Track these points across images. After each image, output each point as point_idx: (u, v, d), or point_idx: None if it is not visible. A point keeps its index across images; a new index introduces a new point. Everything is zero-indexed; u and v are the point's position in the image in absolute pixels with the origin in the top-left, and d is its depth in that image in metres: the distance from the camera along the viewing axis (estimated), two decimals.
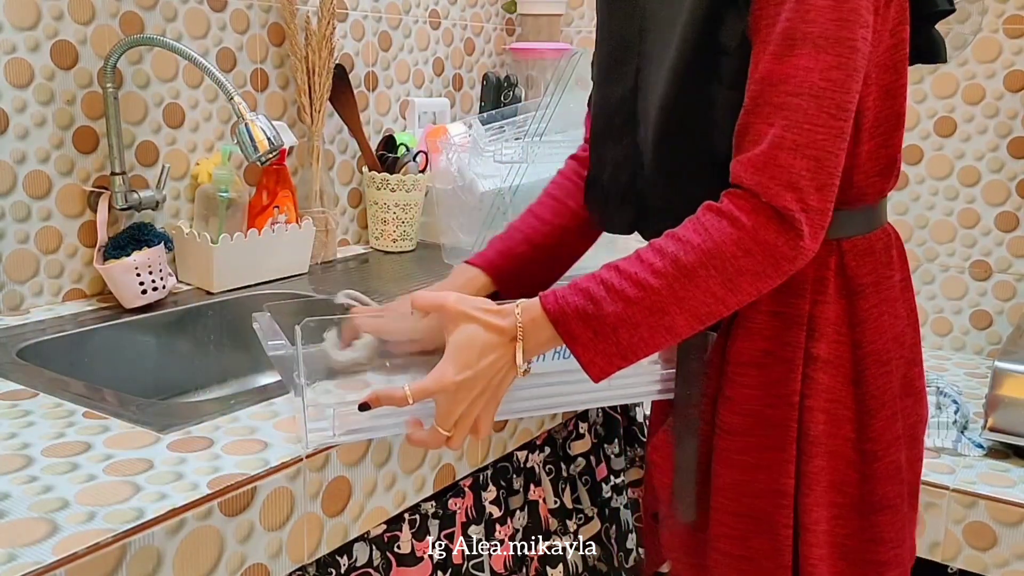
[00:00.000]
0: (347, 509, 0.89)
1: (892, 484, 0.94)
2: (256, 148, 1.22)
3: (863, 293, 0.93)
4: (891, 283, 0.96)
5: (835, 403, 0.93)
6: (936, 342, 1.80)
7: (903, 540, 0.96)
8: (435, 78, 1.97)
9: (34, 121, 1.24)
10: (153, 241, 1.32)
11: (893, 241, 0.98)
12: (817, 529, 0.94)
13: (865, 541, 0.95)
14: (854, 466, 0.94)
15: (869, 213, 0.96)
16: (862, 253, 0.94)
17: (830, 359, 0.93)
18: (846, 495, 0.95)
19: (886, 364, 0.94)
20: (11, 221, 1.23)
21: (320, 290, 1.44)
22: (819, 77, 0.80)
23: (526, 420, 1.14)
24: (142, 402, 0.95)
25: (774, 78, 0.82)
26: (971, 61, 1.69)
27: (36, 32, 1.22)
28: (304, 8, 1.60)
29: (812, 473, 0.93)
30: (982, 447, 1.33)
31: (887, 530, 0.95)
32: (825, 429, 0.93)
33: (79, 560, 0.65)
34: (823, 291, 0.93)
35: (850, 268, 0.94)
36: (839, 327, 0.93)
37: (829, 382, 0.93)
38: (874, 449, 0.94)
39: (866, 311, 0.93)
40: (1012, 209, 1.70)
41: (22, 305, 1.25)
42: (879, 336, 0.94)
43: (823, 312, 0.93)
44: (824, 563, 0.95)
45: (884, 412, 0.94)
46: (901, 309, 0.97)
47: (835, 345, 0.93)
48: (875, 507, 0.94)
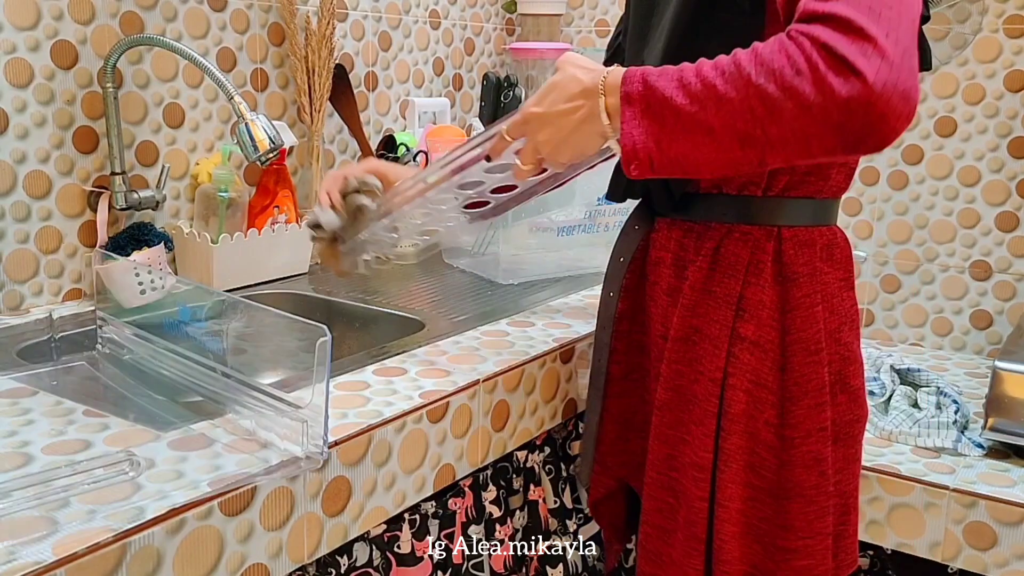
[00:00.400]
0: (347, 509, 0.89)
1: (808, 474, 0.95)
2: (256, 148, 1.22)
3: (797, 281, 0.95)
4: (828, 278, 0.97)
5: (759, 385, 0.95)
6: (936, 342, 1.80)
7: (816, 532, 0.96)
8: (435, 78, 1.97)
9: (34, 121, 1.24)
10: (153, 241, 1.32)
11: (838, 243, 0.99)
12: (731, 506, 0.96)
13: (777, 526, 0.97)
14: (774, 451, 0.96)
15: (814, 206, 0.96)
16: (802, 244, 0.95)
17: (758, 341, 0.95)
18: (764, 479, 0.96)
19: (815, 354, 0.95)
20: (11, 221, 1.23)
21: (320, 290, 1.44)
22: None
23: (526, 420, 1.15)
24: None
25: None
26: (971, 61, 1.69)
27: (36, 32, 1.22)
28: (304, 8, 1.60)
29: (729, 450, 0.95)
30: (982, 447, 1.33)
31: (797, 518, 0.96)
32: (745, 409, 0.95)
33: (79, 560, 0.65)
34: (758, 274, 0.95)
35: (787, 255, 0.95)
36: (772, 312, 0.95)
37: (755, 364, 0.95)
38: (792, 436, 0.95)
39: (798, 299, 0.95)
40: (1012, 209, 1.70)
41: (22, 305, 1.25)
42: (809, 325, 0.95)
43: (756, 295, 0.95)
44: (736, 541, 0.97)
45: (807, 401, 0.95)
46: (840, 307, 0.97)
47: (766, 329, 0.95)
48: (788, 494, 0.96)
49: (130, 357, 1.16)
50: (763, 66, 0.74)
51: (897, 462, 1.31)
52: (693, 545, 0.98)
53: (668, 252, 1.02)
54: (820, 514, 0.96)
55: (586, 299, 1.43)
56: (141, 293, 1.25)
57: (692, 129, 0.78)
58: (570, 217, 1.57)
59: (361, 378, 1.03)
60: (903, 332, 1.83)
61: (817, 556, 0.97)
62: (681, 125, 0.78)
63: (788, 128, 0.74)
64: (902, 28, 0.72)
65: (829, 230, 0.98)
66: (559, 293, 1.46)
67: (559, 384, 1.20)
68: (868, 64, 0.70)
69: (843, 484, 0.99)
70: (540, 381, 1.16)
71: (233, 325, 1.29)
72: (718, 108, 0.76)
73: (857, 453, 1.01)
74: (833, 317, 0.97)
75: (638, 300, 1.08)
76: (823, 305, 0.96)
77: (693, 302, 0.98)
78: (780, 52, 0.74)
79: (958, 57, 1.68)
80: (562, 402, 1.22)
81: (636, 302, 1.08)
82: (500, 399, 1.09)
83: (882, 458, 1.32)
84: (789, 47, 0.73)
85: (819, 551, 0.97)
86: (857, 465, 1.02)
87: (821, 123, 0.73)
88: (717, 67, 0.78)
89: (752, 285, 0.95)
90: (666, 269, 1.02)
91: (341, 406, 0.94)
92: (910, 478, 1.26)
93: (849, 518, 1.01)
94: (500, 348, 1.16)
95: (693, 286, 0.97)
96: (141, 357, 1.14)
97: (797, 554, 0.96)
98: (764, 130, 0.75)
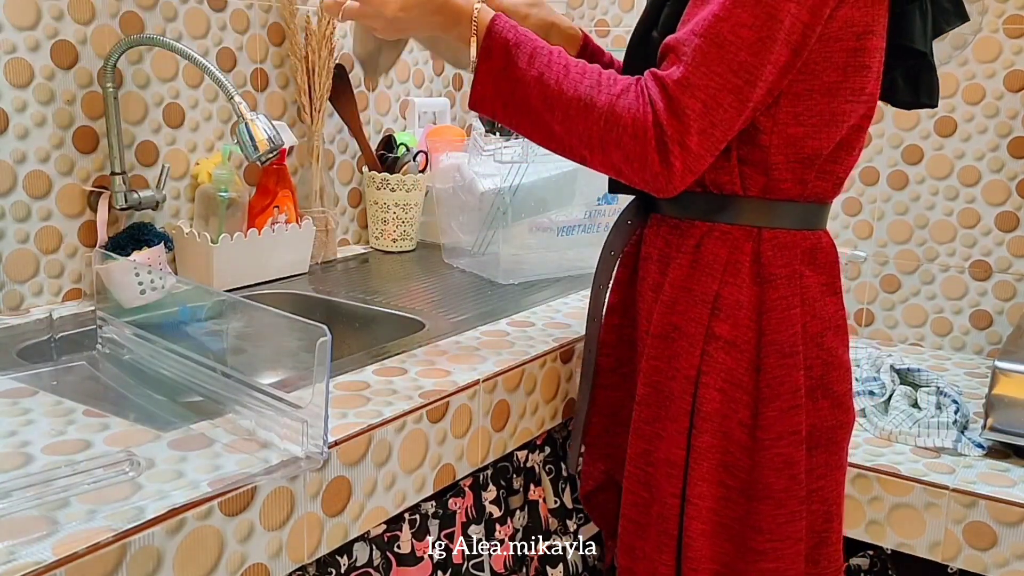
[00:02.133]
0: (347, 509, 0.89)
1: (778, 477, 0.96)
2: (256, 148, 1.22)
3: (774, 283, 0.95)
4: (809, 282, 0.96)
5: (733, 385, 0.96)
6: (936, 342, 1.81)
7: (786, 536, 0.97)
8: (435, 78, 1.97)
9: (34, 121, 1.24)
10: (153, 241, 1.32)
11: (823, 247, 0.98)
12: (701, 504, 0.97)
13: (748, 527, 0.97)
14: (748, 452, 0.96)
15: (797, 209, 0.96)
16: (782, 246, 0.96)
17: (734, 341, 0.95)
18: (737, 478, 0.97)
19: (789, 357, 0.95)
20: (11, 221, 1.23)
21: (320, 290, 1.44)
22: (728, 29, 0.84)
23: (526, 420, 1.15)
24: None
25: (689, 18, 0.88)
26: (971, 61, 1.69)
27: (36, 32, 1.22)
28: (304, 8, 1.60)
29: (700, 448, 0.96)
30: (982, 447, 1.33)
31: (766, 520, 0.96)
32: (719, 408, 0.96)
33: (79, 559, 0.65)
34: (736, 274, 0.95)
35: (765, 256, 0.95)
36: (749, 312, 0.95)
37: (730, 363, 0.96)
38: (764, 438, 0.95)
39: (774, 301, 0.95)
40: (1012, 209, 1.70)
41: (22, 305, 1.25)
42: (785, 327, 0.95)
43: (733, 294, 0.95)
44: (705, 538, 0.97)
45: (779, 404, 0.95)
46: (823, 311, 0.97)
47: (742, 329, 0.95)
48: (758, 495, 0.96)
49: (130, 357, 1.15)
50: (612, 114, 0.88)
51: (897, 462, 1.31)
52: (664, 541, 0.99)
53: (655, 248, 1.03)
54: (790, 518, 0.96)
55: (586, 299, 1.43)
56: (141, 293, 1.25)
57: (533, 116, 0.92)
58: (570, 217, 1.57)
59: (361, 378, 1.03)
60: (903, 332, 1.83)
61: (786, 560, 0.97)
62: (527, 107, 0.92)
63: (608, 163, 0.91)
64: (724, 122, 0.86)
65: (813, 234, 0.98)
66: (559, 293, 1.46)
67: (559, 384, 1.20)
68: (681, 158, 0.87)
69: (825, 490, 0.99)
70: (540, 381, 1.16)
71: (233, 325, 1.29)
72: (562, 119, 0.91)
73: (841, 460, 1.01)
74: (815, 321, 0.96)
75: (629, 295, 1.08)
76: (802, 308, 0.95)
77: (673, 299, 0.98)
78: (628, 112, 0.87)
79: (958, 57, 1.68)
80: (562, 402, 1.22)
81: (627, 297, 1.09)
82: (500, 399, 1.09)
83: (882, 458, 1.32)
84: (636, 112, 0.87)
85: (789, 555, 0.97)
86: (841, 472, 1.02)
87: (633, 173, 0.90)
88: (575, 83, 0.90)
89: (729, 285, 0.95)
90: (653, 265, 1.03)
91: (341, 406, 0.94)
92: (910, 478, 1.26)
93: (832, 524, 1.01)
94: (500, 348, 1.16)
95: (673, 283, 0.98)
96: (141, 357, 1.14)
97: (766, 556, 0.97)
98: (591, 154, 0.91)
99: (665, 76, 0.86)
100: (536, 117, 0.92)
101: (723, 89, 0.85)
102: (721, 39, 0.84)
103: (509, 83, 0.92)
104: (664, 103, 0.86)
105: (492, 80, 0.93)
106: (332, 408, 0.90)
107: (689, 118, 0.85)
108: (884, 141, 1.79)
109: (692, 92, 0.85)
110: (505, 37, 0.92)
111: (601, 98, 0.88)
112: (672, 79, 0.86)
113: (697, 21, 0.86)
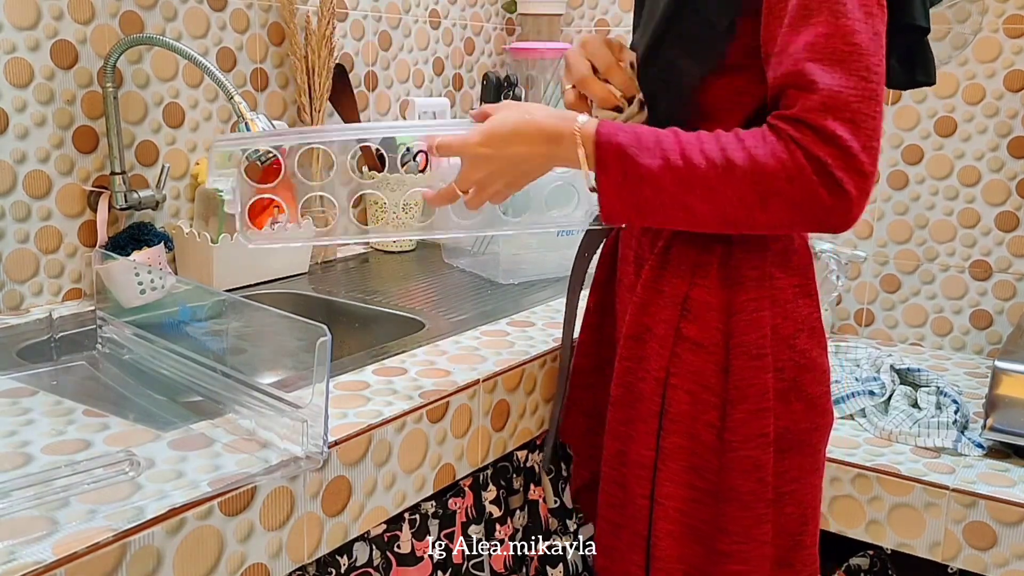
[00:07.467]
0: (347, 509, 0.89)
1: (745, 480, 0.95)
2: (256, 148, 1.22)
3: (744, 285, 0.95)
4: (780, 284, 0.96)
5: (702, 387, 0.96)
6: (936, 342, 1.80)
7: (752, 538, 0.97)
8: (435, 78, 1.97)
9: (34, 121, 1.24)
10: (153, 241, 1.32)
11: (796, 249, 0.98)
12: (668, 504, 0.97)
13: (716, 529, 0.98)
14: (715, 453, 0.96)
15: None
16: (753, 248, 0.95)
17: (702, 343, 0.95)
18: (706, 480, 0.97)
19: (757, 359, 0.94)
20: (11, 221, 1.23)
21: (320, 290, 1.44)
22: (841, 43, 0.81)
23: (526, 419, 1.15)
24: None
25: (794, 48, 0.83)
26: (971, 61, 1.69)
27: (36, 32, 1.22)
28: (304, 8, 1.60)
29: (668, 449, 0.97)
30: (982, 447, 1.33)
31: (732, 523, 0.96)
32: (687, 410, 0.96)
33: (79, 559, 0.65)
34: (705, 276, 0.95)
35: (735, 258, 0.95)
36: (718, 314, 0.95)
37: (699, 365, 0.96)
38: (731, 439, 0.95)
39: (743, 303, 0.95)
40: (1012, 209, 1.70)
41: (22, 305, 1.25)
42: (753, 329, 0.94)
43: (701, 296, 0.95)
44: (672, 539, 0.98)
45: (746, 406, 0.95)
46: (795, 313, 0.96)
47: (711, 331, 0.95)
48: (724, 497, 0.96)
49: (130, 357, 1.15)
50: (756, 164, 0.83)
51: (897, 462, 1.31)
52: (635, 541, 1.00)
53: (630, 249, 1.04)
54: (757, 521, 0.96)
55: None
56: (141, 293, 1.25)
57: (673, 206, 0.86)
58: (570, 217, 1.56)
59: (361, 378, 1.03)
60: (903, 332, 1.83)
61: (752, 563, 0.97)
62: (661, 201, 0.86)
63: (775, 218, 0.84)
64: (876, 130, 0.82)
65: (787, 237, 0.97)
66: (559, 293, 1.45)
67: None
68: (853, 183, 0.81)
69: (800, 493, 0.99)
70: (540, 381, 1.16)
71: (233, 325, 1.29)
72: (705, 194, 0.85)
73: (818, 462, 1.01)
74: (787, 323, 0.96)
75: (608, 296, 1.09)
76: (771, 311, 0.95)
77: (645, 300, 0.99)
78: (772, 157, 0.82)
79: (958, 57, 1.68)
80: None
81: (606, 297, 1.10)
82: (500, 399, 1.09)
83: (882, 458, 1.32)
84: (782, 155, 0.82)
85: (755, 558, 0.97)
86: (818, 475, 1.01)
87: (806, 219, 0.84)
88: (704, 153, 0.84)
89: (698, 286, 0.95)
90: (628, 266, 1.04)
91: (341, 406, 0.94)
92: (910, 478, 1.26)
93: (807, 527, 1.00)
94: (500, 348, 1.16)
95: (645, 284, 0.99)
96: (141, 357, 1.14)
97: (732, 558, 0.97)
98: (751, 215, 0.85)
99: (798, 111, 0.82)
100: (676, 205, 0.86)
101: (862, 99, 0.81)
102: (839, 54, 0.81)
103: (635, 184, 0.86)
104: (810, 136, 0.81)
105: (616, 191, 0.87)
106: (332, 408, 0.90)
107: (845, 140, 0.81)
108: (884, 141, 1.79)
109: (835, 115, 0.81)
110: (618, 142, 0.86)
111: (736, 156, 0.83)
112: (807, 110, 0.82)
113: (803, 48, 0.82)
